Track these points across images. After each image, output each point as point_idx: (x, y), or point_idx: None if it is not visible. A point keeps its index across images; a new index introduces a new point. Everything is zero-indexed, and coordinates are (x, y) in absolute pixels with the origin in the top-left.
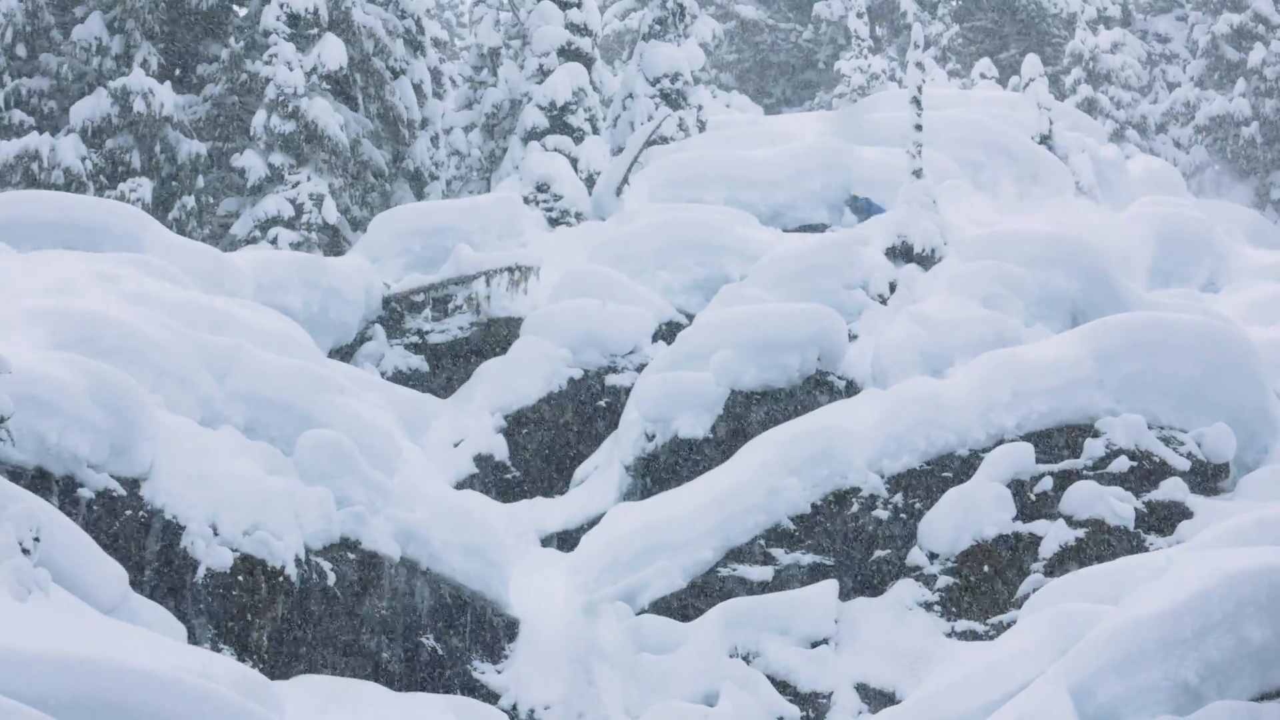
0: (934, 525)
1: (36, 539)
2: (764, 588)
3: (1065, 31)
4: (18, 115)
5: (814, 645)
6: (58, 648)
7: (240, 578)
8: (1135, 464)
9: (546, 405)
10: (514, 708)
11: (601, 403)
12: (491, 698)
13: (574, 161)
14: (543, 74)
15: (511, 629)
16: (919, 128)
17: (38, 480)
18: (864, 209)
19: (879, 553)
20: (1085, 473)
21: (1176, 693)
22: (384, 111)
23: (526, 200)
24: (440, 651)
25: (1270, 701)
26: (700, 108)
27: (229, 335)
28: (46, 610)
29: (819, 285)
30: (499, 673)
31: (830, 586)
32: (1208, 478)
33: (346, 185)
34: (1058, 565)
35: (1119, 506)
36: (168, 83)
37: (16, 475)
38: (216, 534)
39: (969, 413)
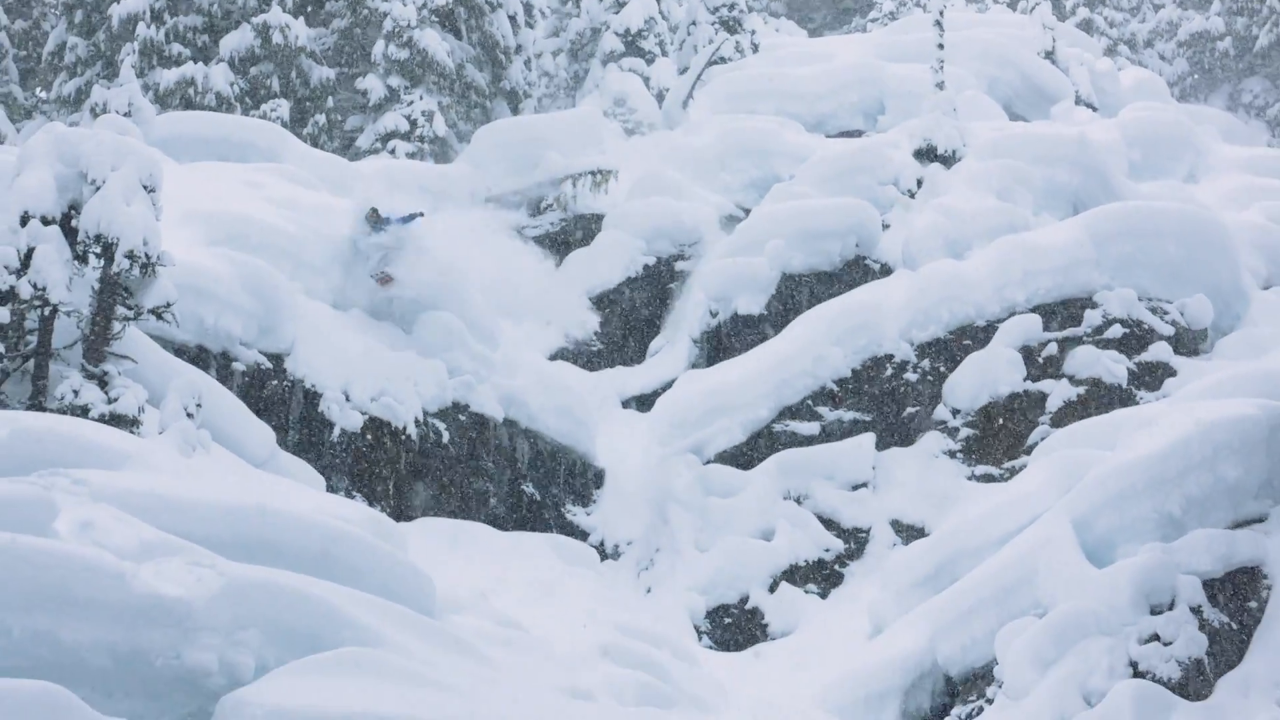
0: (956, 385)
1: (199, 405)
2: (812, 440)
3: None
4: (176, 48)
5: (855, 488)
6: (219, 496)
7: (369, 436)
8: (1128, 331)
9: (625, 288)
10: (601, 543)
11: (671, 285)
12: (582, 535)
13: (646, 80)
14: (618, 5)
15: (598, 478)
16: (941, 46)
17: (198, 356)
18: (384, 226)
19: (909, 409)
20: (1085, 339)
21: (1163, 523)
22: (484, 40)
23: (606, 114)
24: (538, 497)
25: (1242, 529)
26: (754, 32)
27: (355, 234)
28: (209, 465)
29: (856, 183)
30: (588, 514)
31: (868, 439)
32: (1189, 342)
33: (453, 103)
34: (1062, 418)
35: (1114, 367)
36: (301, 18)
37: (180, 352)
38: (348, 400)
39: (986, 289)
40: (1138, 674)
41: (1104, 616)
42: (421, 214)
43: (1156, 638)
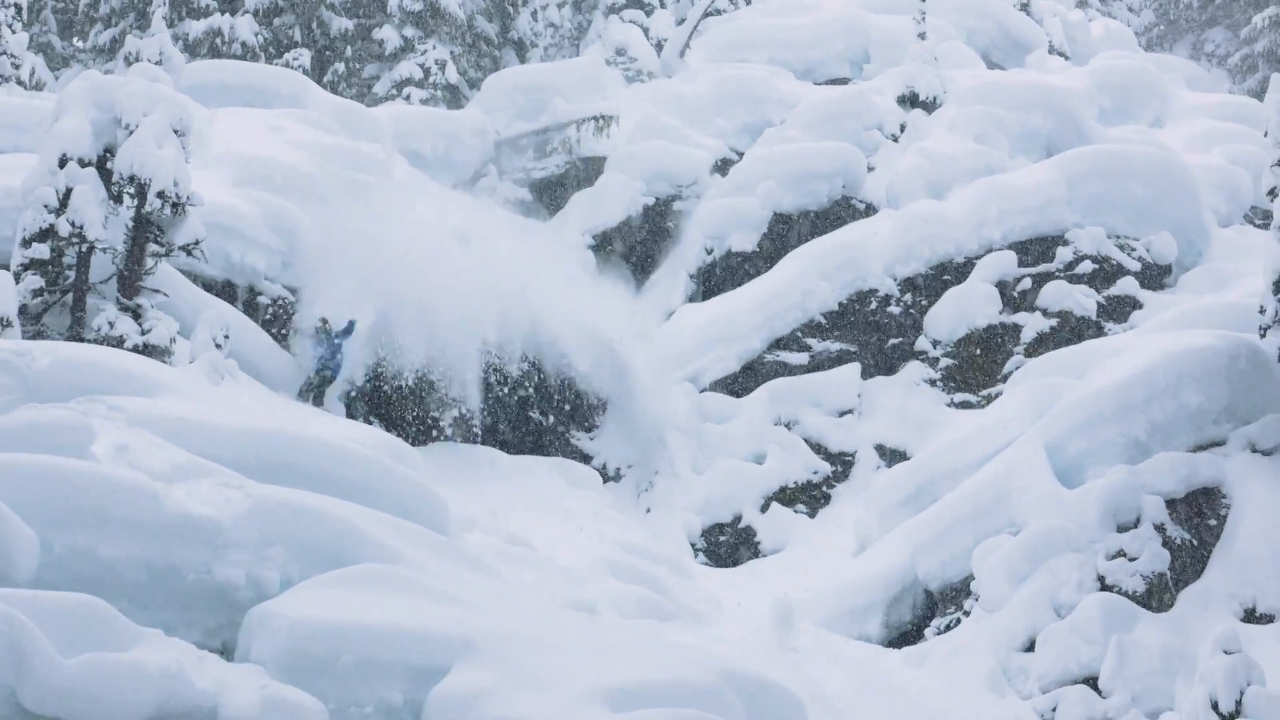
0: (936, 318)
1: (226, 336)
2: (801, 370)
3: None
4: (204, 1)
5: (841, 415)
6: (246, 422)
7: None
8: (1097, 266)
9: (626, 226)
10: (604, 466)
11: (669, 224)
12: (585, 459)
13: (645, 31)
14: None
15: (602, 405)
16: None
17: (226, 290)
18: (328, 341)
19: (892, 341)
20: (1057, 274)
21: (1129, 447)
22: None
23: (608, 63)
24: (545, 424)
25: (1203, 452)
26: None
27: (371, 177)
28: (236, 392)
29: (843, 127)
30: (591, 440)
31: (854, 368)
32: (1154, 276)
33: (464, 53)
34: (1035, 348)
35: (1084, 300)
36: None
37: (209, 286)
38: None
39: (964, 228)
40: (1105, 588)
41: (1073, 534)
42: (355, 321)
43: (1122, 554)
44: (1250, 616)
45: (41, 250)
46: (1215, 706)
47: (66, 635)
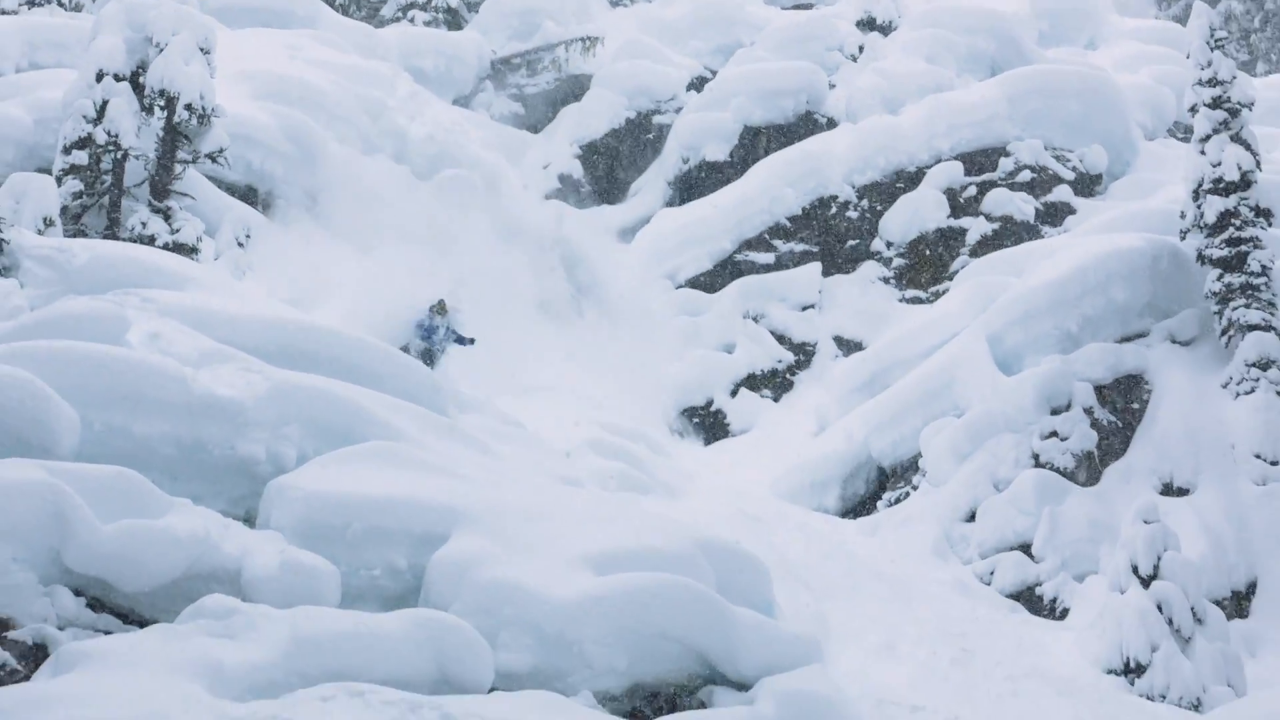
0: (890, 222)
1: (248, 236)
2: (767, 269)
3: None
4: None
5: (803, 309)
6: (265, 313)
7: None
8: (1035, 175)
9: (610, 138)
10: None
11: (649, 136)
12: (569, 346)
13: None
14: None
15: (591, 294)
16: None
17: (246, 194)
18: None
19: (850, 242)
20: (999, 183)
21: (1062, 338)
22: None
23: None
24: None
25: (1128, 343)
26: None
27: (379, 91)
28: (256, 285)
29: (807, 48)
30: (576, 325)
31: (815, 267)
32: (1087, 185)
33: None
34: (979, 249)
35: (1023, 206)
36: None
37: (231, 190)
38: (374, 231)
39: (916, 140)
40: (1039, 464)
41: (1012, 417)
42: (473, 341)
43: (1055, 434)
44: (1168, 490)
45: (80, 157)
46: (1136, 570)
47: (105, 504)
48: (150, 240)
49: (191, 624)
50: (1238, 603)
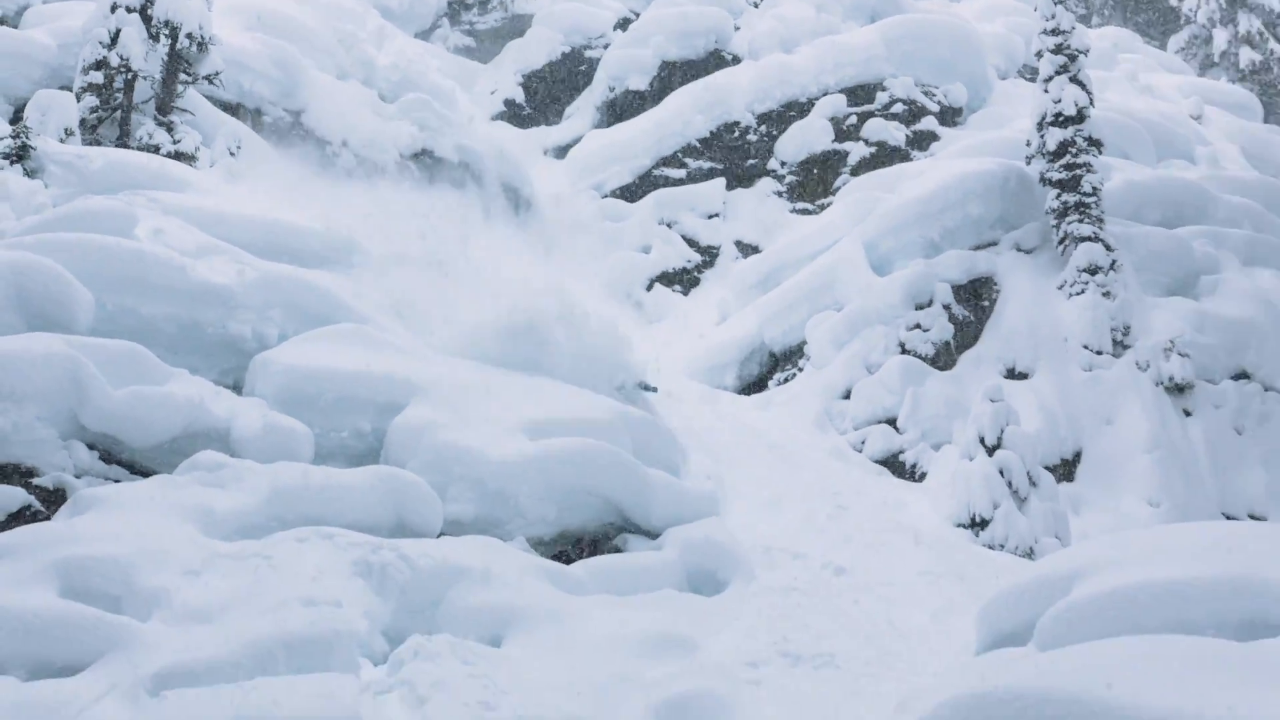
0: (784, 144)
1: (239, 147)
2: (680, 182)
3: None
4: None
5: (710, 217)
6: (253, 212)
7: (362, 172)
8: (906, 107)
9: (548, 69)
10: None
11: (581, 68)
12: (509, 246)
13: None
14: None
15: (527, 204)
16: None
17: (238, 110)
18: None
19: (750, 161)
20: (876, 113)
21: (926, 245)
22: None
23: None
24: (481, 216)
25: (981, 250)
26: None
27: (351, 24)
28: (245, 189)
29: None
30: (520, 226)
31: (720, 182)
32: (950, 116)
33: None
34: (858, 169)
35: (896, 133)
36: None
37: (225, 108)
38: (346, 145)
39: (807, 76)
40: (904, 352)
41: (883, 311)
42: (655, 389)
43: (918, 326)
44: (1011, 374)
45: (97, 77)
46: (982, 441)
47: (115, 372)
48: (155, 149)
49: (187, 475)
50: (1066, 469)
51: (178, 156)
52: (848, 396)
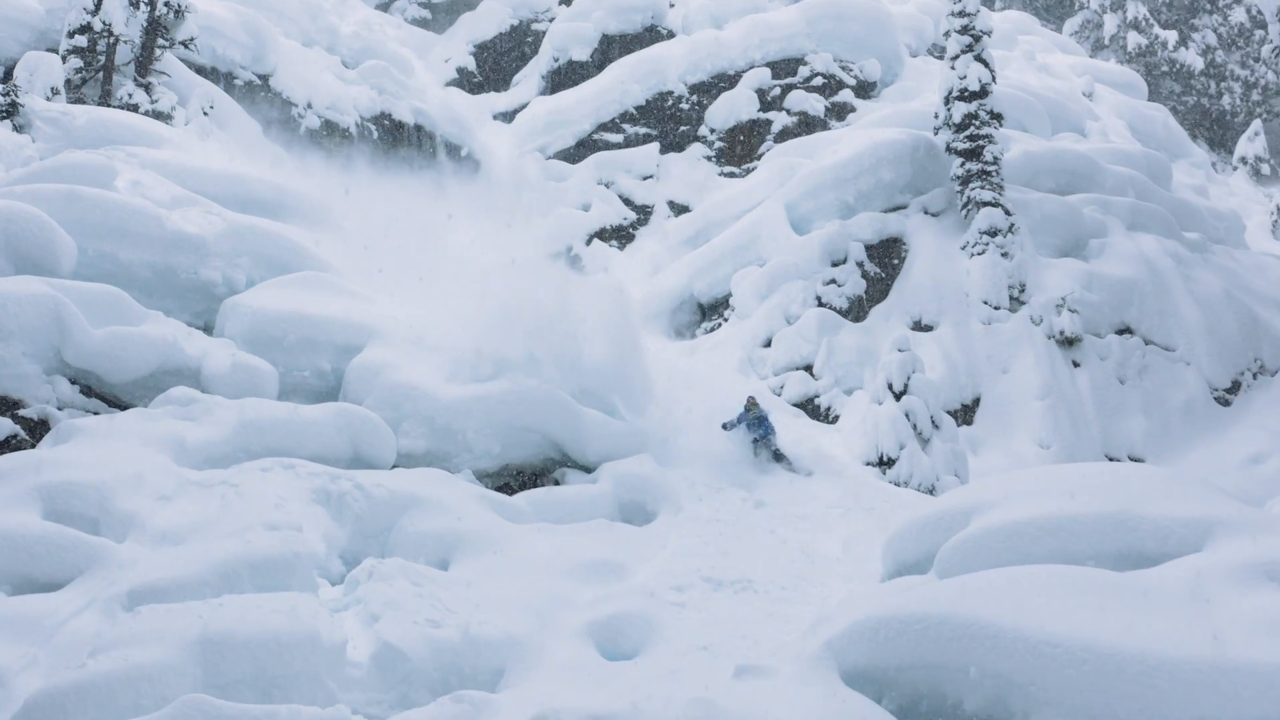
0: (714, 113)
1: (211, 107)
2: (618, 146)
3: None
4: None
5: (645, 179)
6: (224, 168)
7: (325, 133)
8: (826, 81)
9: (498, 40)
10: (479, 210)
11: (528, 39)
12: (460, 203)
13: None
14: None
15: (476, 165)
16: None
17: (211, 73)
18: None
19: (682, 128)
20: (798, 86)
21: (842, 208)
22: None
23: None
24: (433, 175)
25: (892, 213)
26: None
27: None
28: (217, 147)
29: None
30: (467, 186)
31: (654, 147)
32: (865, 89)
33: None
34: (781, 137)
35: (816, 105)
36: None
37: (200, 71)
38: (310, 108)
39: (736, 50)
40: (821, 304)
41: (801, 266)
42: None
43: (834, 281)
44: (917, 326)
45: (81, 40)
46: (890, 387)
47: (96, 313)
48: (135, 108)
49: (161, 409)
50: (966, 413)
51: (155, 115)
52: (769, 345)
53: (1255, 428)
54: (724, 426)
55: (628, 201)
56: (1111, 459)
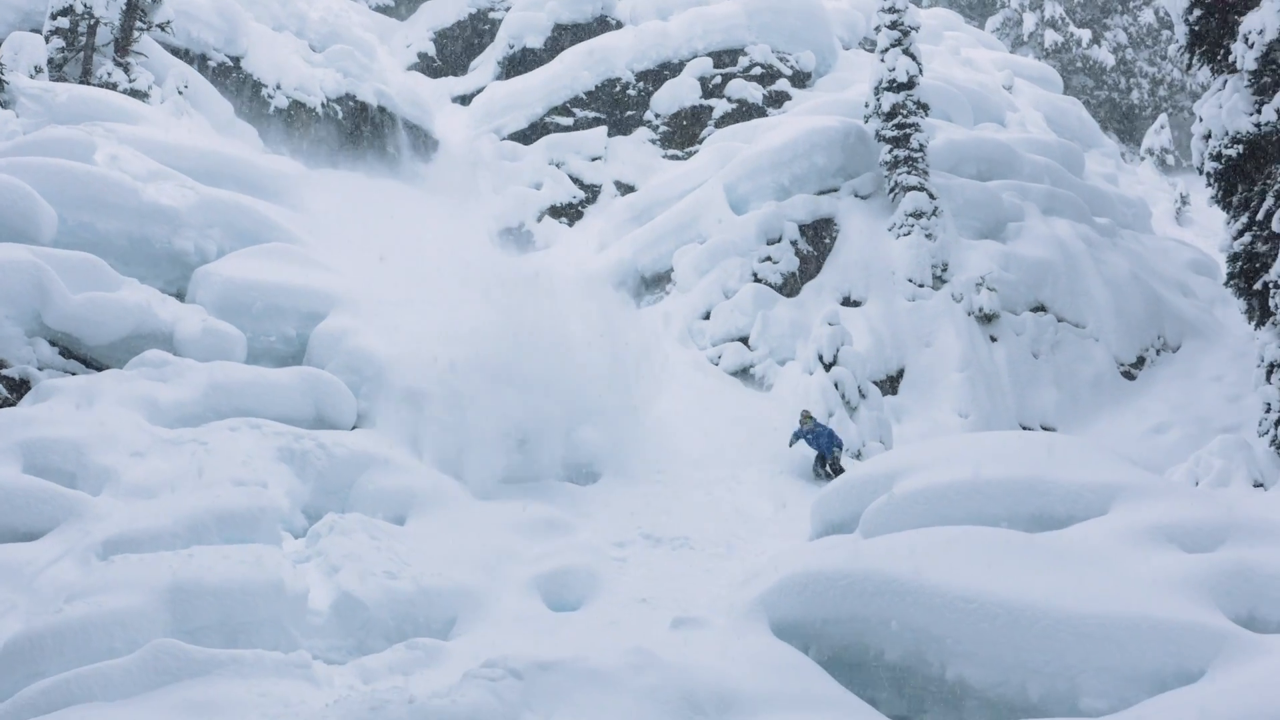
0: (660, 99)
1: (186, 86)
2: (568, 129)
3: None
4: None
5: (593, 160)
6: (197, 144)
7: (292, 113)
8: (764, 71)
9: (456, 27)
10: (437, 187)
11: (486, 27)
12: (421, 180)
13: None
14: None
15: (435, 145)
16: None
17: (186, 55)
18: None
19: (629, 112)
20: (738, 75)
21: (778, 190)
22: None
23: None
24: (395, 154)
25: (824, 195)
26: None
27: None
28: (191, 125)
29: None
30: (427, 166)
31: (603, 130)
32: (800, 79)
33: None
34: (721, 122)
35: (754, 93)
36: None
37: (175, 52)
38: (279, 88)
39: (680, 40)
40: (757, 280)
41: (739, 244)
42: (838, 446)
43: (769, 259)
44: (846, 302)
45: (63, 22)
46: (821, 358)
47: (74, 279)
48: (113, 86)
49: (136, 370)
50: (891, 383)
51: (133, 94)
52: (708, 317)
53: (1157, 400)
54: (793, 437)
55: (577, 181)
56: (1025, 428)
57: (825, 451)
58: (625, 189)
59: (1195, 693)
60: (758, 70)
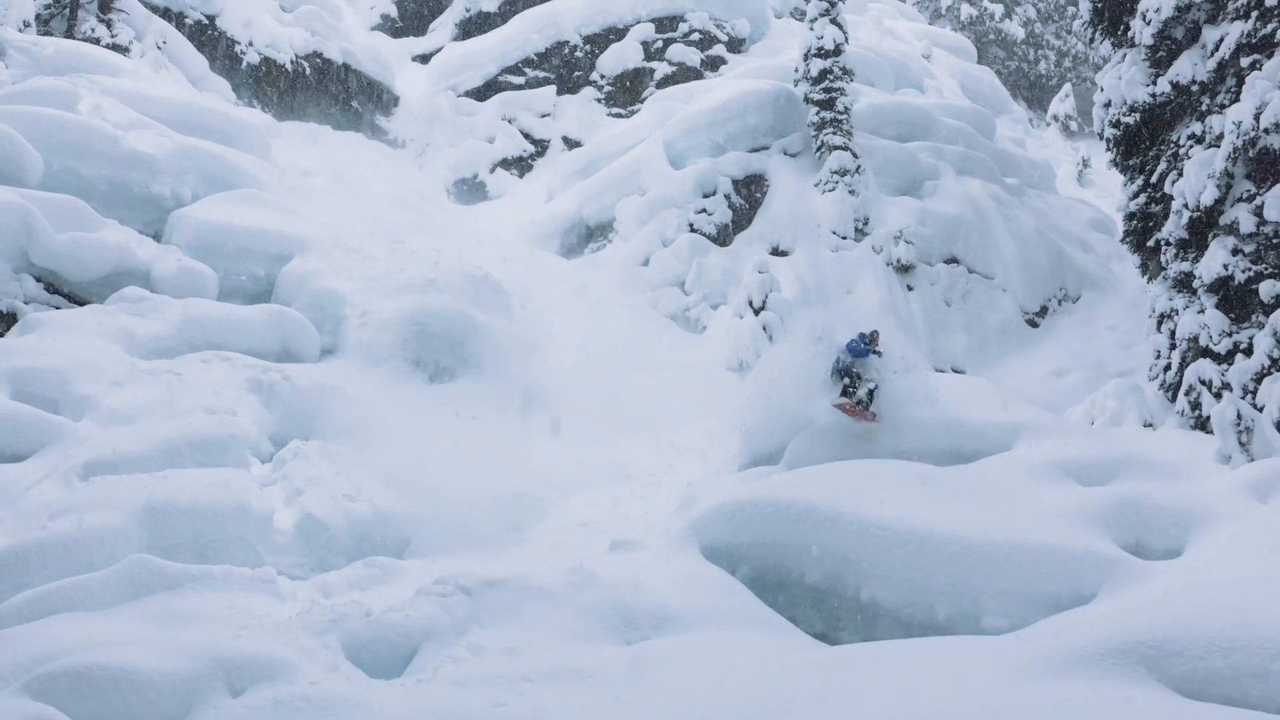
0: (605, 61)
1: (165, 42)
2: (520, 87)
3: None
4: None
5: (542, 116)
6: (175, 96)
7: (263, 68)
8: (702, 36)
9: None
10: (395, 139)
11: None
12: (382, 133)
13: None
14: None
15: (396, 100)
16: None
17: (164, 13)
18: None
19: (576, 73)
20: (678, 39)
21: (713, 147)
22: None
23: None
24: (358, 109)
25: (756, 153)
26: None
27: None
28: (169, 78)
29: None
30: (389, 121)
31: (552, 89)
32: (736, 45)
33: None
34: (662, 84)
35: (693, 56)
36: None
37: (153, 9)
38: (251, 45)
39: (624, 6)
40: (693, 230)
41: (676, 197)
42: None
43: (705, 211)
44: (775, 252)
45: None
46: (751, 303)
47: (59, 220)
48: (97, 41)
49: (115, 305)
50: None
51: (114, 48)
52: (647, 264)
53: (1059, 346)
54: (847, 349)
55: (527, 136)
56: (938, 370)
57: (856, 377)
58: (572, 144)
59: (1087, 613)
60: (696, 36)
